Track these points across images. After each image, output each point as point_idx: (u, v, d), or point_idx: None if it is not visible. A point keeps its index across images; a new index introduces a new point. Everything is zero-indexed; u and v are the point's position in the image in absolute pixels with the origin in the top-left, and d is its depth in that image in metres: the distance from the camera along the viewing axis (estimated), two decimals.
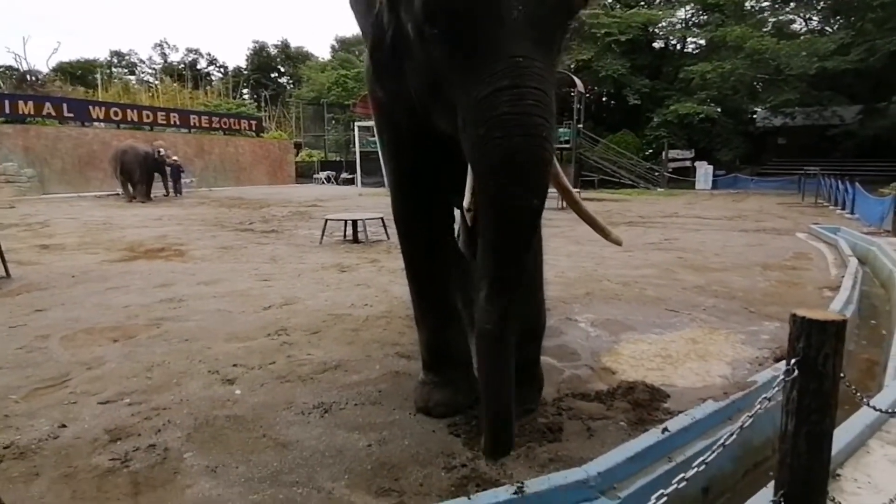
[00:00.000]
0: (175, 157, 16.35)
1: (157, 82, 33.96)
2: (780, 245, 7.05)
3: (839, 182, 11.88)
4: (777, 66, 19.06)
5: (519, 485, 1.57)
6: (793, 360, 1.08)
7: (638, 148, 21.21)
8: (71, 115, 18.56)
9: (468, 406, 2.28)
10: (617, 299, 4.22)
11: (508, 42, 1.48)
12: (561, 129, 20.56)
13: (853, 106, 20.42)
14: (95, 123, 19.34)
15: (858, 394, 1.32)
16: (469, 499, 1.51)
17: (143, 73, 42.77)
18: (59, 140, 17.86)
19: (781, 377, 1.10)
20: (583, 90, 19.11)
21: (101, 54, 43.61)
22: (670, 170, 20.16)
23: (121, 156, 14.26)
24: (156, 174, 15.12)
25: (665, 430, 1.92)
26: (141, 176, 14.37)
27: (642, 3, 24.10)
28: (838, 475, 1.82)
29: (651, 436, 1.90)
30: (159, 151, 14.90)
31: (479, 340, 1.66)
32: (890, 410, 2.18)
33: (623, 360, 2.98)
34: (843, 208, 11.27)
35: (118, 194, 15.59)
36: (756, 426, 2.20)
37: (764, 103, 21.22)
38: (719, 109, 21.98)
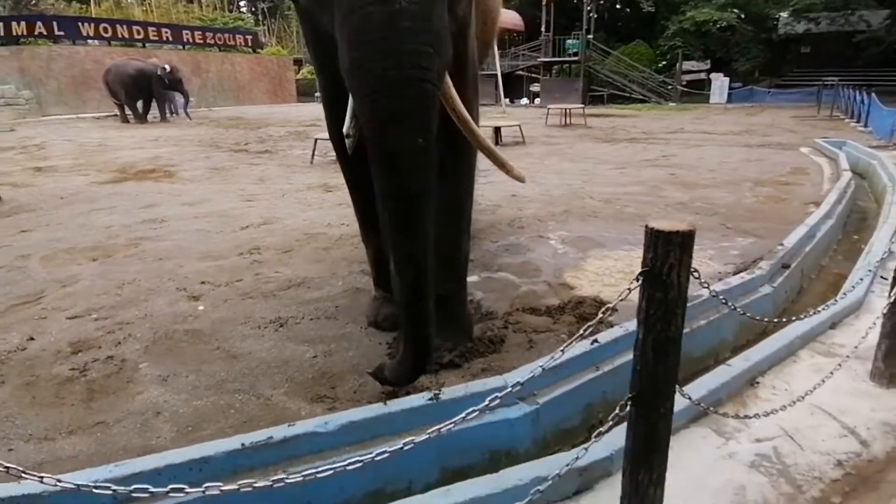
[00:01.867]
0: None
1: None
2: (779, 160, 6.84)
3: (857, 93, 11.28)
4: None
5: (436, 391, 1.64)
6: (639, 271, 1.08)
7: (651, 60, 20.14)
8: (62, 33, 17.96)
9: None
10: (594, 217, 4.19)
11: None
12: (570, 41, 19.51)
13: (882, 10, 18.94)
14: (88, 41, 18.77)
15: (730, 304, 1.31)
16: (385, 404, 1.59)
17: None
18: (53, 60, 17.42)
19: (628, 289, 1.11)
20: None
21: None
22: (684, 83, 19.23)
23: (104, 76, 13.82)
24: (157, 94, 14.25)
25: (595, 341, 1.97)
26: (128, 96, 13.90)
27: None
28: (757, 382, 1.88)
29: (579, 346, 1.94)
30: (164, 68, 13.90)
31: (399, 309, 1.62)
32: (832, 324, 2.20)
33: (584, 276, 3.00)
34: (859, 121, 10.79)
35: (116, 115, 15.35)
36: (697, 336, 2.26)
37: (787, 7, 19.73)
38: (742, 15, 20.55)
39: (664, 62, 20.31)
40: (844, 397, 1.77)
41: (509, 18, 22.77)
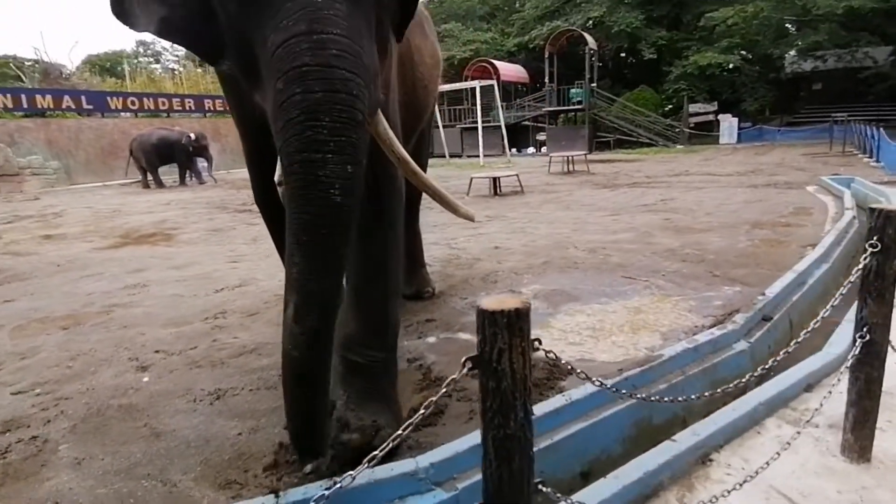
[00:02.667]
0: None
1: (180, 69, 34.48)
2: (782, 200, 6.63)
3: (867, 128, 11.07)
4: (804, 6, 17.72)
5: (336, 479, 1.48)
6: (465, 357, 0.94)
7: (657, 104, 20.29)
8: (90, 106, 19.01)
9: None
10: (574, 268, 4.03)
11: None
12: (574, 90, 19.85)
13: (885, 47, 18.91)
14: (121, 114, 19.83)
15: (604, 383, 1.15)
16: (277, 496, 1.44)
17: (167, 60, 43.44)
18: (81, 132, 18.35)
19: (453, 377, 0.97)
20: (595, 47, 18.30)
21: (128, 45, 44.37)
22: (691, 125, 19.25)
23: (130, 144, 14.57)
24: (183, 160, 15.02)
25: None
26: (148, 163, 14.55)
27: None
28: (711, 460, 1.67)
29: None
30: (190, 137, 14.70)
31: (284, 367, 1.41)
32: (807, 385, 1.99)
33: (548, 333, 2.83)
34: (871, 156, 10.53)
35: (139, 181, 15.96)
36: (656, 409, 2.06)
37: (792, 47, 19.85)
38: (749, 56, 20.70)
39: (670, 106, 20.45)
40: (809, 476, 1.54)
41: (514, 72, 23.46)
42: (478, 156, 17.28)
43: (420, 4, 2.63)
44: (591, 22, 21.20)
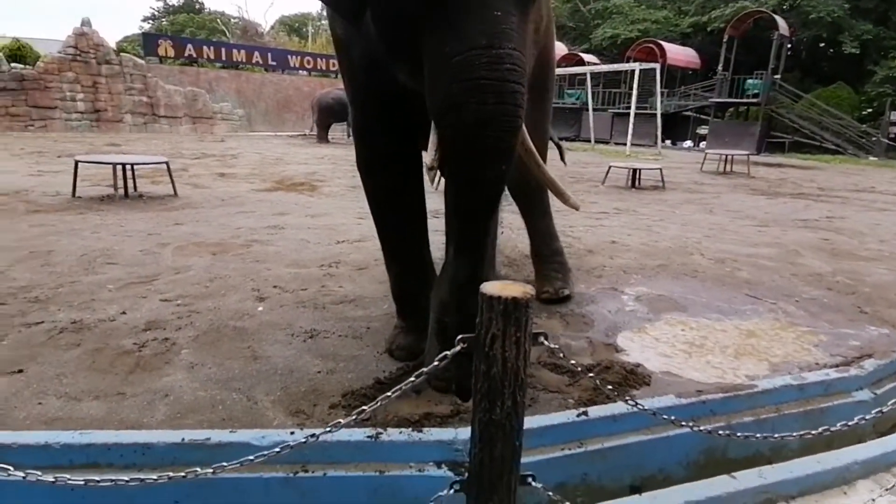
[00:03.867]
0: None
1: None
2: None
3: None
4: None
5: (379, 430, 1.60)
6: (460, 336, 0.93)
7: (853, 106, 17.32)
8: (274, 63, 21.30)
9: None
10: (691, 276, 3.71)
11: None
12: (750, 81, 17.67)
13: None
14: (298, 71, 22.00)
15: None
16: (327, 429, 1.59)
17: None
18: (264, 85, 20.69)
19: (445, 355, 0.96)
20: (787, 33, 16.02)
21: (315, 8, 48.44)
22: (892, 135, 16.18)
23: (312, 100, 16.13)
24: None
25: (583, 413, 1.75)
26: (321, 119, 15.95)
27: None
28: None
29: (563, 415, 1.74)
30: None
31: (451, 294, 1.79)
32: None
33: (640, 339, 2.68)
34: None
35: (304, 134, 17.64)
36: (735, 440, 1.88)
37: None
38: None
39: (869, 110, 17.34)
40: None
41: (683, 55, 21.49)
42: (625, 144, 16.32)
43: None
44: (785, 4, 18.59)
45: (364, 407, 1.28)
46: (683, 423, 1.48)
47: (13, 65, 14.69)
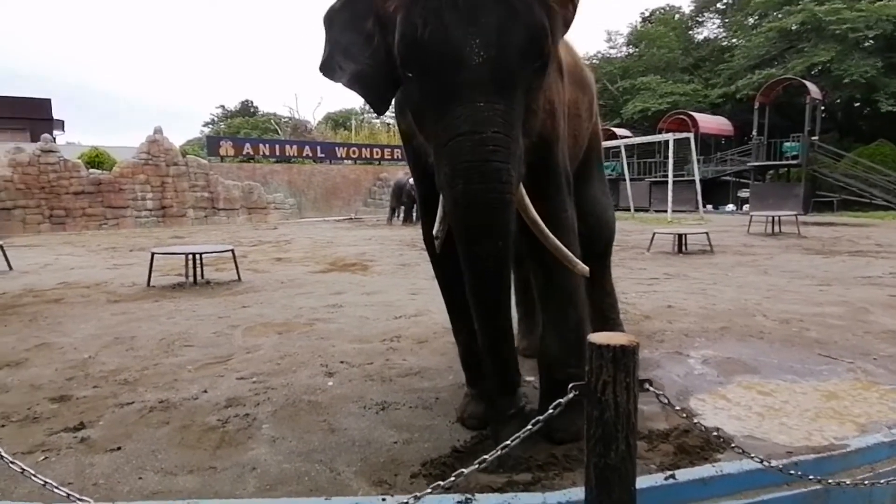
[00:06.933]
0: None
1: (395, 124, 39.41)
2: None
3: None
4: None
5: (468, 496, 1.62)
6: (571, 384, 1.00)
7: None
8: (322, 155, 22.86)
9: None
10: (759, 338, 3.63)
11: (470, 88, 1.58)
12: (787, 144, 17.64)
13: None
14: (344, 161, 23.47)
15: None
16: (414, 497, 1.63)
17: (388, 115, 49.84)
18: (313, 175, 22.07)
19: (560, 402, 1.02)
20: (819, 97, 16.13)
21: (358, 104, 52.19)
22: None
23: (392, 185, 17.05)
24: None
25: (671, 476, 1.73)
26: (391, 202, 16.76)
27: None
28: None
29: (651, 479, 1.72)
30: (411, 182, 16.95)
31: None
32: None
33: (714, 402, 2.63)
34: None
35: (350, 218, 18.42)
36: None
37: None
38: None
39: None
40: None
41: (714, 124, 21.82)
42: (665, 211, 16.30)
43: (581, 60, 2.84)
44: (814, 70, 18.83)
45: (455, 473, 1.33)
46: (789, 480, 1.46)
47: (91, 170, 16.26)
